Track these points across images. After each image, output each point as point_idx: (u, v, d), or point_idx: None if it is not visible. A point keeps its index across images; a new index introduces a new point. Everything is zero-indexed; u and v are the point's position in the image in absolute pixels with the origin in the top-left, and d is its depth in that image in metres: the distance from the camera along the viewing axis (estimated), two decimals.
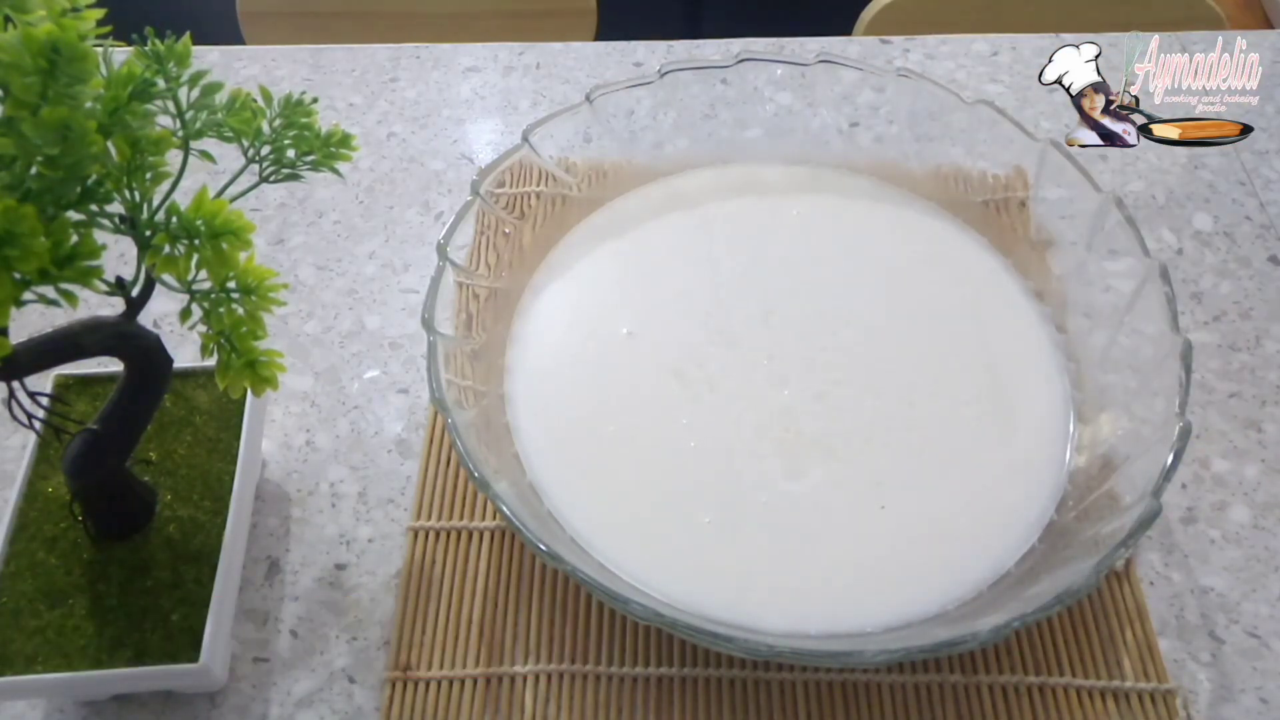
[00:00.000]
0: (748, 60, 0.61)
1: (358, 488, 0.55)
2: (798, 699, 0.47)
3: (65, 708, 0.47)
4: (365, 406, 0.58)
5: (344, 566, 0.52)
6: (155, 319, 0.61)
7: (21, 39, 0.31)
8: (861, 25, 0.94)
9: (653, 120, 0.62)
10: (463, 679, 0.48)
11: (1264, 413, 0.57)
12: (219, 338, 0.39)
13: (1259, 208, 0.68)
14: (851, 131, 0.64)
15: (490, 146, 0.73)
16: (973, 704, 0.47)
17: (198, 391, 0.53)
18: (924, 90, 0.60)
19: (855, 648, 0.43)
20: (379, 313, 0.62)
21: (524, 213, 0.60)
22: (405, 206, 0.68)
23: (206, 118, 0.38)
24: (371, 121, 0.74)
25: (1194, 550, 0.52)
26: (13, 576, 0.46)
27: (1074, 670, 0.48)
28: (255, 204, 0.67)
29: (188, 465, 0.50)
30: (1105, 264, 0.54)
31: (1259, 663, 0.48)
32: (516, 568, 0.51)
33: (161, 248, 0.36)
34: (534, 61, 0.79)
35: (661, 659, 0.48)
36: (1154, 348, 0.49)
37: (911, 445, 0.52)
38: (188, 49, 0.37)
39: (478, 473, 0.43)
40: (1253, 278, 0.64)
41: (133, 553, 0.47)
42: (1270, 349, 0.60)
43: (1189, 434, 0.44)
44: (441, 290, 0.50)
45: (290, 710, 0.47)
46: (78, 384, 0.53)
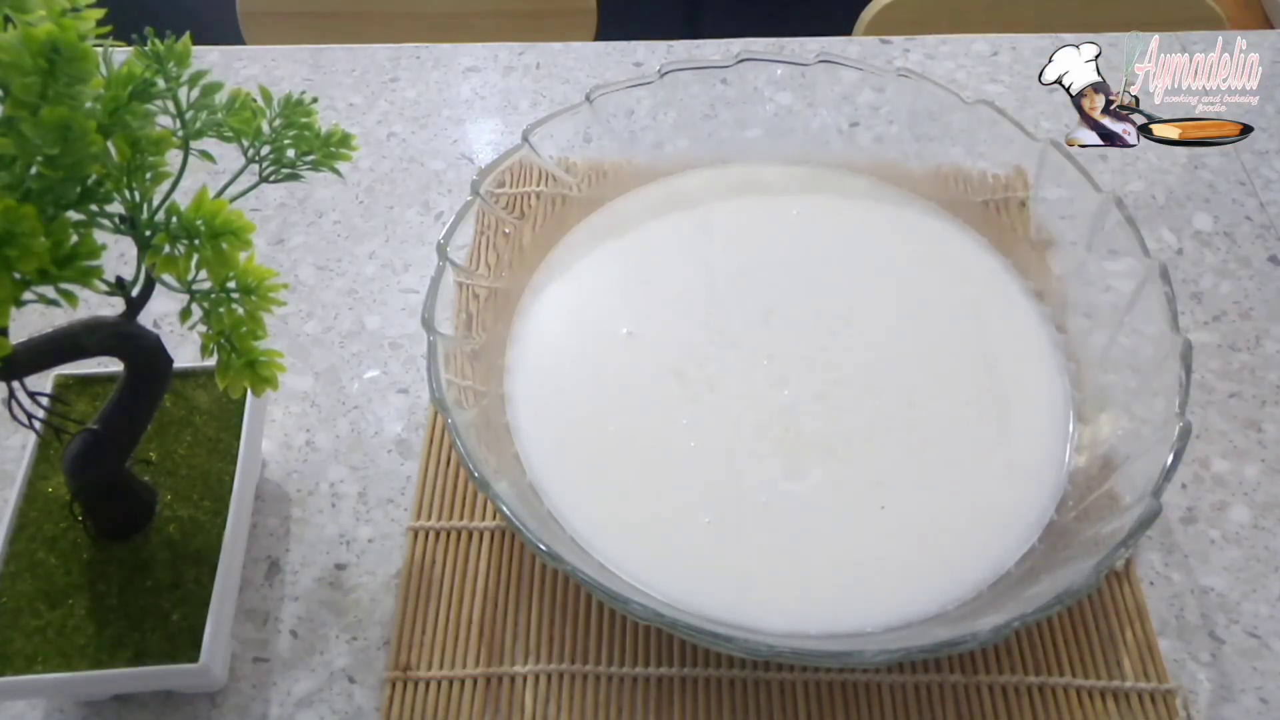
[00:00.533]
0: (748, 60, 0.61)
1: (358, 488, 0.55)
2: (798, 699, 0.47)
3: (65, 708, 0.47)
4: (365, 406, 0.58)
5: (344, 566, 0.52)
6: (155, 319, 0.61)
7: (21, 39, 0.31)
8: (861, 25, 0.94)
9: (653, 120, 0.62)
10: (463, 679, 0.48)
11: (1264, 413, 0.57)
12: (219, 338, 0.39)
13: (1259, 208, 0.68)
14: (851, 131, 0.64)
15: (490, 146, 0.73)
16: (973, 704, 0.47)
17: (198, 391, 0.53)
18: (924, 90, 0.60)
19: (855, 648, 0.43)
20: (379, 313, 0.62)
21: (524, 213, 0.60)
22: (405, 206, 0.68)
23: (206, 118, 0.38)
24: (371, 121, 0.74)
25: (1194, 550, 0.52)
26: (13, 576, 0.46)
27: (1074, 670, 0.48)
28: (255, 204, 0.67)
29: (188, 465, 0.50)
30: (1105, 264, 0.54)
31: (1259, 663, 0.48)
32: (516, 568, 0.51)
33: (161, 248, 0.36)
34: (534, 61, 0.79)
35: (661, 659, 0.48)
36: (1154, 348, 0.49)
37: (911, 445, 0.52)
38: (188, 49, 0.37)
39: (478, 473, 0.44)
40: (1253, 278, 0.64)
41: (133, 553, 0.47)
42: (1270, 349, 0.60)
43: (1189, 434, 0.44)
44: (441, 290, 0.50)
45: (290, 710, 0.47)
46: (78, 384, 0.53)
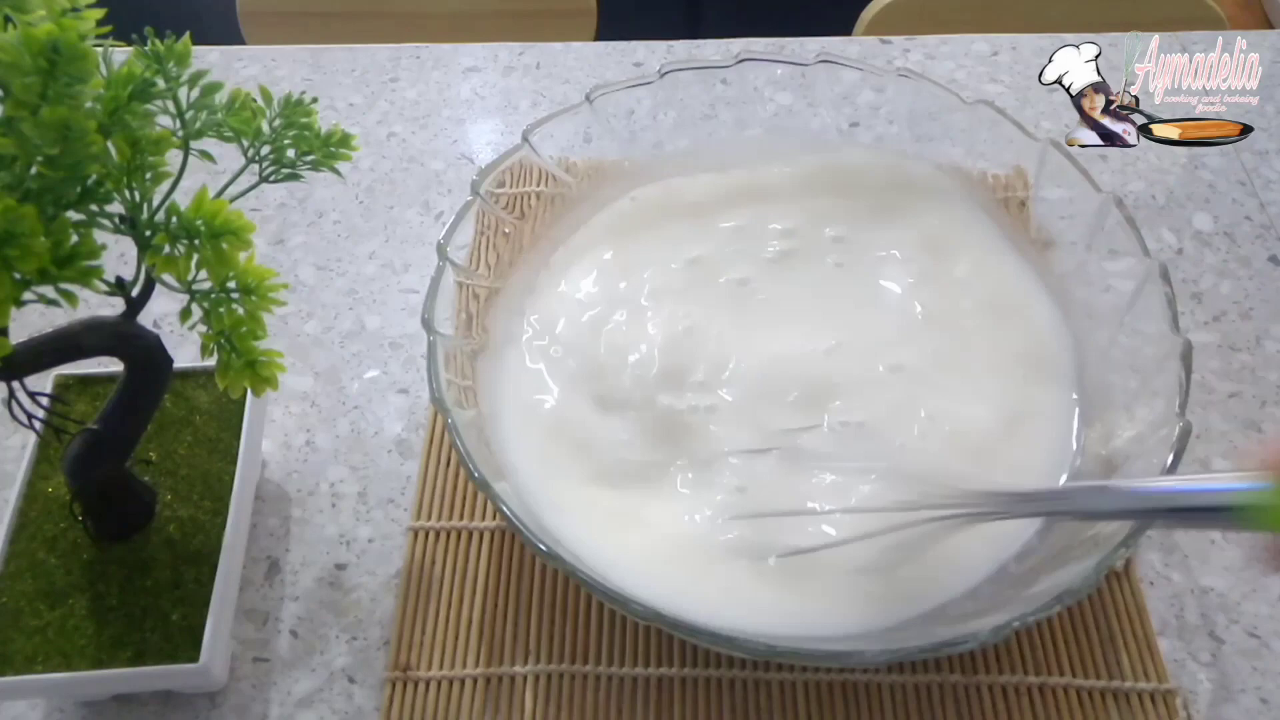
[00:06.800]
0: (748, 60, 0.61)
1: (358, 488, 0.55)
2: (798, 699, 0.47)
3: (65, 708, 0.47)
4: (365, 406, 0.58)
5: (344, 566, 0.52)
6: (155, 319, 0.61)
7: (21, 39, 0.31)
8: (861, 25, 0.94)
9: (653, 120, 0.62)
10: (463, 679, 0.48)
11: (1264, 413, 0.57)
12: (219, 338, 0.39)
13: (1259, 208, 0.68)
14: (851, 131, 0.64)
15: (490, 146, 0.73)
16: (973, 704, 0.47)
17: (198, 391, 0.53)
18: (924, 90, 0.60)
19: (855, 648, 0.43)
20: (379, 313, 0.62)
21: (524, 213, 0.60)
22: (405, 206, 0.68)
23: (206, 118, 0.38)
24: (371, 121, 0.74)
25: (1194, 550, 0.52)
26: (13, 576, 0.46)
27: (1074, 670, 0.48)
28: (255, 204, 0.67)
29: (188, 465, 0.50)
30: (1105, 264, 0.54)
31: (1259, 663, 0.48)
32: (516, 568, 0.51)
33: (161, 248, 0.36)
34: (534, 61, 0.79)
35: (661, 659, 0.48)
36: (1154, 348, 0.49)
37: (912, 446, 0.52)
38: (188, 49, 0.37)
39: (478, 473, 0.43)
40: (1253, 278, 0.64)
41: (133, 553, 0.47)
42: (1270, 349, 0.60)
43: (1189, 434, 0.44)
44: (441, 290, 0.50)
45: (290, 710, 0.47)
46: (78, 384, 0.53)
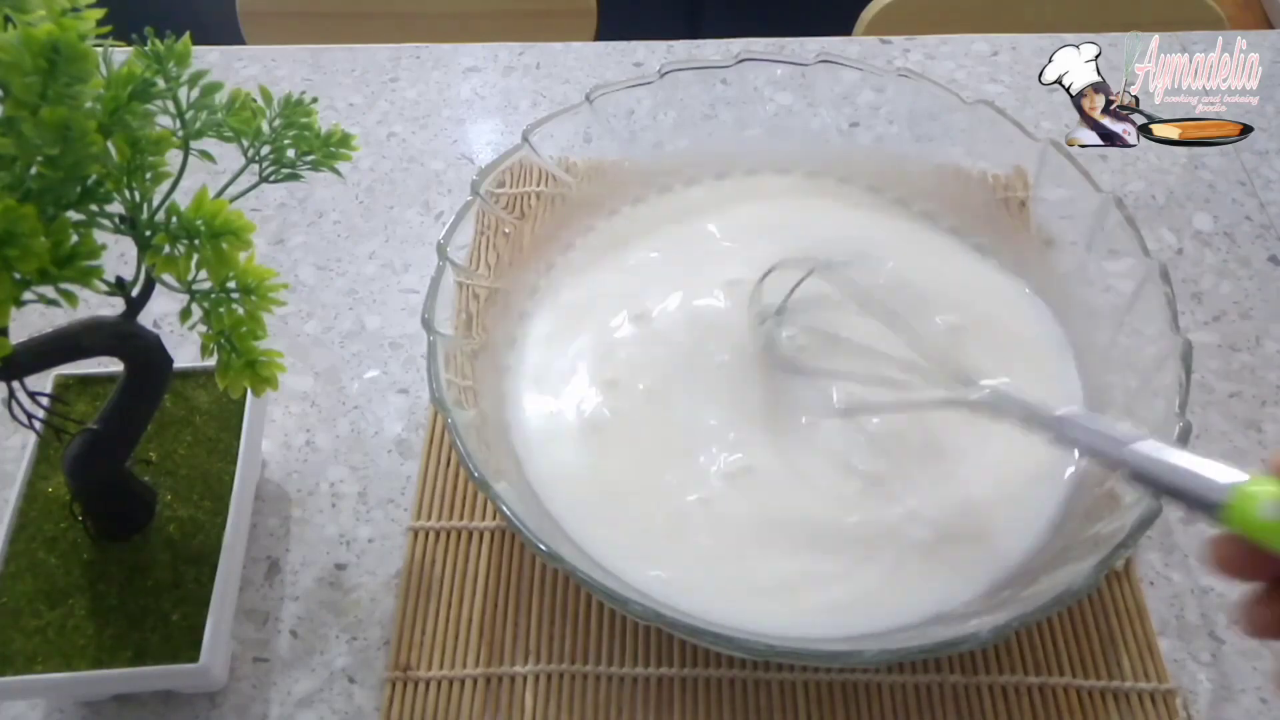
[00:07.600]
0: (748, 60, 0.61)
1: (358, 488, 0.55)
2: (798, 699, 0.47)
3: (65, 708, 0.47)
4: (365, 406, 0.58)
5: (344, 566, 0.52)
6: (155, 319, 0.61)
7: (21, 39, 0.31)
8: (861, 25, 0.94)
9: (653, 120, 0.62)
10: (463, 679, 0.48)
11: (1264, 413, 0.57)
12: (219, 338, 0.39)
13: (1259, 208, 0.68)
14: (851, 132, 0.64)
15: (490, 146, 0.73)
16: (973, 704, 0.47)
17: (198, 391, 0.53)
18: (924, 90, 0.60)
19: (855, 648, 0.43)
20: (379, 313, 0.62)
21: (524, 213, 0.60)
22: (405, 206, 0.68)
23: (206, 118, 0.38)
24: (371, 121, 0.74)
25: (1194, 550, 0.52)
26: (13, 576, 0.46)
27: (1074, 670, 0.48)
28: (255, 204, 0.67)
29: (188, 465, 0.50)
30: (1105, 264, 0.54)
31: (1259, 663, 0.48)
32: (516, 568, 0.51)
33: (161, 248, 0.36)
34: (534, 61, 0.79)
35: (661, 659, 0.48)
36: (1154, 348, 0.49)
37: (912, 446, 0.52)
38: (188, 49, 0.37)
39: (478, 473, 0.43)
40: (1253, 278, 0.64)
41: (133, 553, 0.47)
42: (1270, 349, 0.60)
43: (1189, 434, 0.44)
44: (441, 290, 0.50)
45: (290, 710, 0.47)
46: (78, 384, 0.53)
